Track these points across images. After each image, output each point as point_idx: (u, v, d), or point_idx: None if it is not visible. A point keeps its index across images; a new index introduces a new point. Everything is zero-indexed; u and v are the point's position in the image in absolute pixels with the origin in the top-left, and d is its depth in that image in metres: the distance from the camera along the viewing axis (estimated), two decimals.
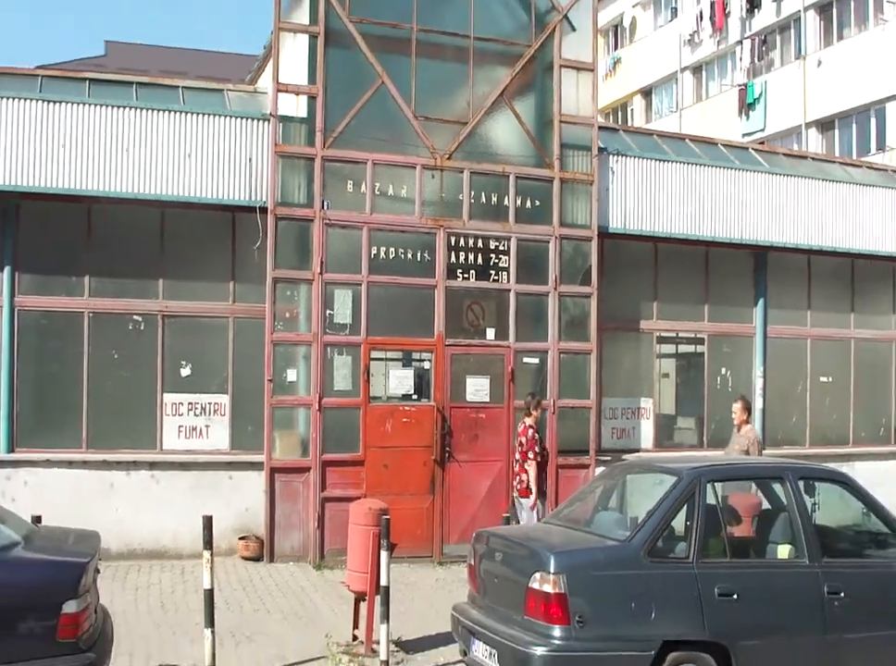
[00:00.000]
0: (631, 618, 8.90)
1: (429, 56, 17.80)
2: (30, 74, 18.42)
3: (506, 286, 17.84)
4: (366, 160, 17.25)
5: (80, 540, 9.24)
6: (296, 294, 17.28)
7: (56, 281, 17.00)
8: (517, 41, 18.35)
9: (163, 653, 11.47)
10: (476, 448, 17.57)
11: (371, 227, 17.22)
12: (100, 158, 16.59)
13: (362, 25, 17.34)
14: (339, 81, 17.35)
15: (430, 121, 17.68)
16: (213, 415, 17.37)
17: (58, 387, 17.07)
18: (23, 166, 16.30)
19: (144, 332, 17.17)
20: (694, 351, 20.79)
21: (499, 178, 17.96)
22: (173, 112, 17.03)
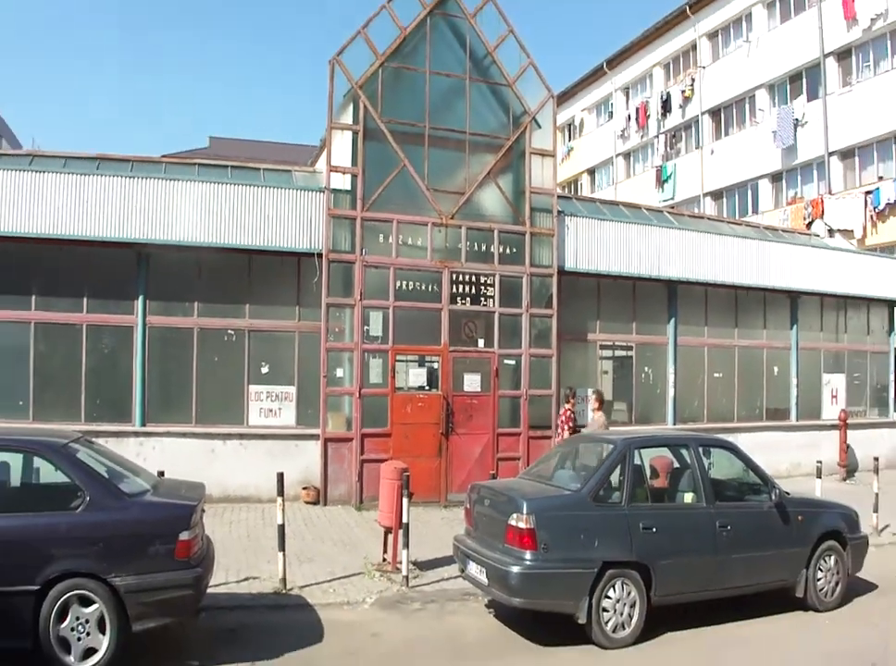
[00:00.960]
0: (581, 545, 9.22)
1: (437, 146, 17.99)
2: (157, 161, 18.69)
3: (492, 309, 18.04)
4: (392, 219, 17.48)
5: (191, 489, 9.40)
6: (342, 315, 17.40)
7: (175, 306, 17.21)
8: (500, 135, 18.52)
9: (249, 569, 11.78)
10: (470, 424, 17.72)
11: (396, 267, 17.43)
12: (206, 219, 16.87)
13: (389, 124, 17.59)
14: (373, 164, 17.53)
15: (438, 192, 17.84)
16: (284, 401, 17.53)
17: (175, 380, 17.28)
18: (153, 225, 16.64)
19: (236, 342, 17.40)
20: (625, 355, 20.88)
21: (487, 232, 18.15)
22: (257, 186, 17.34)
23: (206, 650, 8.75)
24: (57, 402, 16.94)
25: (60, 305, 16.97)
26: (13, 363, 16.92)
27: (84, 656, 7.84)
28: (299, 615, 10.12)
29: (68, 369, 17.04)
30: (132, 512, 8.24)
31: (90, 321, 16.97)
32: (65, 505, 8.17)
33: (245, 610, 10.18)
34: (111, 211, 16.62)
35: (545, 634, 9.49)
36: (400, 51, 17.96)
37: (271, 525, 13.91)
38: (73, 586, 7.83)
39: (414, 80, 18.09)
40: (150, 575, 7.99)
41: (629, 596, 9.33)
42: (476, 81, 18.51)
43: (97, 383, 17.10)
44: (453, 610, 10.68)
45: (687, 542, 9.81)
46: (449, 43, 18.47)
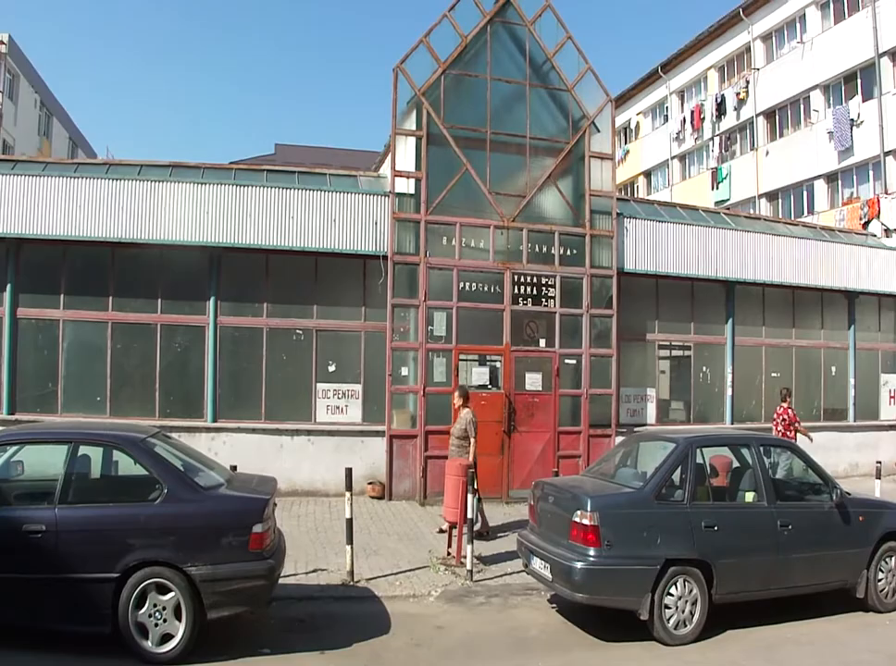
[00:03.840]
0: (644, 542, 9.12)
1: (498, 150, 17.96)
2: (227, 167, 18.87)
3: (553, 309, 17.97)
4: (455, 222, 17.49)
5: (263, 483, 9.46)
6: (407, 315, 17.43)
7: (245, 307, 17.41)
8: (559, 139, 18.45)
9: (317, 561, 11.84)
10: (531, 422, 17.65)
11: (459, 269, 17.45)
12: (274, 223, 17.07)
13: (452, 129, 17.60)
14: (436, 168, 17.56)
15: (500, 195, 17.81)
16: (350, 398, 17.59)
17: (246, 378, 17.42)
18: (224, 229, 16.92)
19: (304, 341, 17.52)
20: (683, 355, 20.72)
21: (548, 234, 18.09)
22: (324, 191, 17.46)
23: (277, 639, 8.80)
24: (133, 398, 17.26)
25: (136, 306, 17.28)
26: (91, 360, 17.28)
27: (161, 641, 7.97)
28: (366, 606, 10.15)
29: (143, 367, 17.34)
30: (208, 505, 8.35)
31: (164, 321, 17.25)
32: (143, 497, 8.31)
33: (314, 601, 10.24)
34: (184, 216, 16.95)
35: (607, 629, 9.43)
36: (461, 58, 17.97)
37: (338, 519, 14.06)
38: (151, 575, 7.97)
39: (475, 86, 18.08)
40: (224, 566, 8.09)
41: (691, 593, 9.23)
42: (535, 87, 18.45)
43: (170, 380, 17.38)
44: (516, 604, 10.64)
45: (748, 541, 9.68)
46: (509, 50, 18.43)
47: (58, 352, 17.24)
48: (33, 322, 17.25)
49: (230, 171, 18.47)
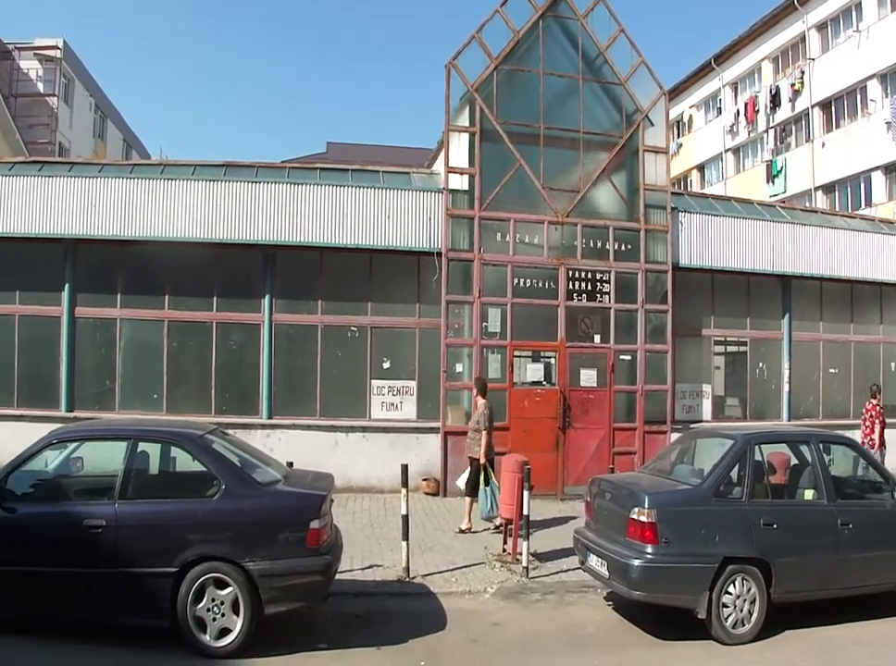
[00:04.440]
0: (702, 540, 9.01)
1: (551, 145, 17.88)
2: (280, 166, 18.97)
3: (608, 305, 17.85)
4: (509, 218, 17.45)
5: (320, 479, 9.49)
6: (462, 312, 17.47)
7: (299, 304, 17.54)
8: (613, 133, 18.32)
9: (373, 557, 11.87)
10: (586, 419, 17.54)
11: (513, 264, 17.40)
12: (328, 221, 17.21)
13: (505, 125, 17.56)
14: (489, 164, 17.52)
15: (554, 190, 17.74)
16: (405, 395, 17.62)
17: (301, 375, 17.51)
18: (278, 227, 17.10)
19: (358, 338, 17.59)
20: (738, 351, 20.51)
21: (602, 229, 17.95)
22: (377, 188, 17.56)
23: (334, 634, 8.82)
24: (189, 396, 17.47)
25: (191, 304, 17.51)
26: (148, 358, 17.54)
27: (219, 635, 8.05)
28: (422, 603, 10.16)
29: (199, 364, 17.55)
30: (266, 501, 8.41)
31: (219, 319, 17.42)
32: (202, 493, 8.41)
33: (370, 597, 10.25)
34: (239, 214, 17.15)
35: (664, 627, 9.33)
36: (513, 53, 17.92)
37: (393, 515, 14.08)
38: (209, 569, 8.04)
39: (528, 81, 18.03)
40: (282, 561, 8.13)
41: (749, 592, 9.11)
42: (588, 81, 18.34)
43: (226, 377, 17.56)
44: (572, 601, 10.57)
45: (807, 539, 9.50)
46: (561, 44, 18.34)
47: (115, 351, 17.49)
48: (91, 321, 17.53)
49: (283, 170, 18.56)
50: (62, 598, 8.22)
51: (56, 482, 9.14)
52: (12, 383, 17.41)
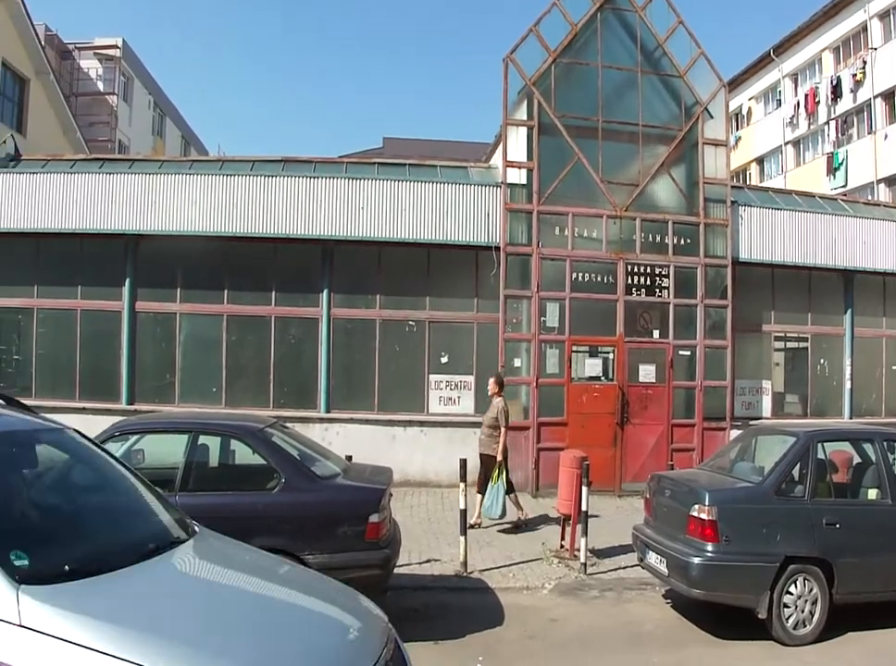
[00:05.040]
0: (763, 539, 8.88)
1: (610, 139, 17.76)
2: (338, 161, 19.03)
3: (667, 300, 17.70)
4: (567, 212, 17.37)
5: (379, 473, 9.53)
6: (520, 306, 17.39)
7: (357, 299, 17.61)
8: (672, 126, 18.18)
9: (430, 551, 11.91)
10: (645, 415, 17.41)
11: (572, 259, 17.31)
12: (386, 215, 17.23)
13: (563, 118, 17.49)
14: (547, 158, 17.46)
15: (612, 184, 17.62)
16: (462, 390, 17.63)
17: (358, 369, 17.58)
18: (337, 222, 17.19)
19: (416, 333, 17.63)
20: (799, 347, 20.25)
21: (661, 223, 17.82)
22: (435, 183, 17.56)
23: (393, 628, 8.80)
24: (247, 389, 17.64)
25: (250, 299, 17.66)
26: (207, 352, 17.76)
27: None
28: (479, 598, 10.15)
29: (258, 358, 17.71)
30: (325, 494, 8.47)
31: (278, 313, 17.56)
32: (261, 486, 8.51)
33: (428, 591, 10.28)
34: (297, 209, 17.26)
35: (723, 627, 9.23)
36: (571, 46, 17.84)
37: (450, 509, 14.13)
38: None
39: (586, 74, 17.94)
40: (341, 555, 8.16)
41: (811, 592, 8.96)
42: (647, 73, 18.20)
43: (284, 371, 17.71)
44: (630, 598, 10.50)
45: (871, 540, 9.30)
46: (619, 37, 18.24)
47: (175, 345, 17.72)
48: (151, 315, 17.78)
49: (340, 165, 18.63)
50: None
51: None
52: (74, 376, 17.75)
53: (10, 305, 17.94)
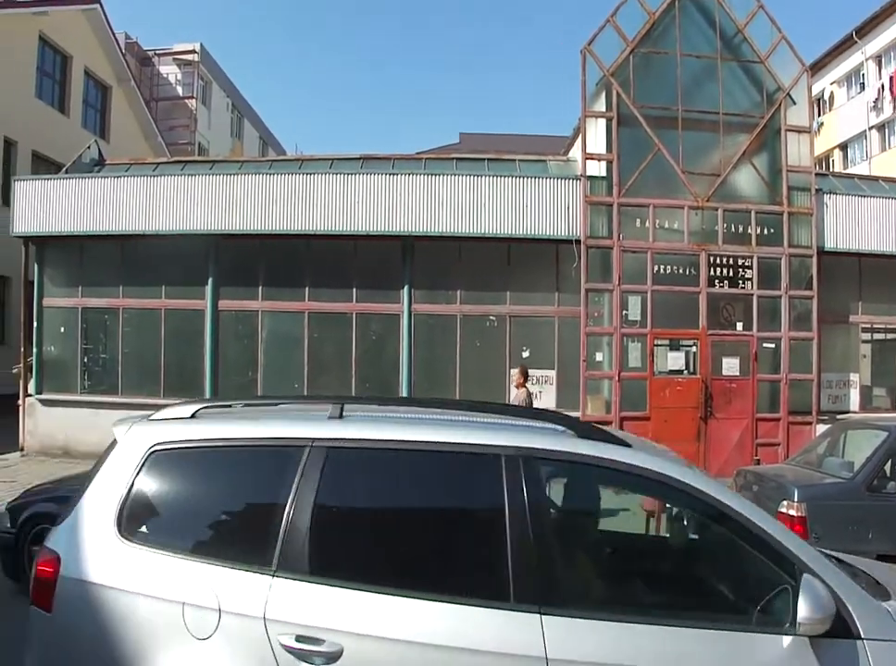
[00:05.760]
0: (853, 536, 8.72)
1: (690, 128, 17.54)
2: (416, 158, 19.17)
3: (750, 291, 17.41)
4: (648, 204, 17.22)
5: None
6: (601, 300, 17.32)
7: (438, 294, 17.69)
8: (753, 113, 17.89)
9: None
10: (729, 409, 17.19)
11: (653, 251, 17.16)
12: (465, 211, 17.23)
13: (642, 109, 17.34)
14: (627, 149, 17.35)
15: (693, 174, 17.41)
16: (544, 384, 17.52)
17: (439, 365, 17.64)
18: (416, 218, 17.24)
19: (497, 327, 17.62)
20: (887, 339, 19.84)
21: (743, 213, 17.54)
22: (514, 177, 17.52)
23: None
24: (329, 385, 17.76)
25: (331, 296, 17.84)
26: (289, 349, 18.01)
27: None
28: None
29: (339, 354, 17.89)
30: None
31: (359, 310, 17.71)
32: None
33: None
34: (377, 206, 17.36)
35: None
36: (649, 35, 17.68)
37: None
38: None
39: (664, 63, 17.75)
40: None
41: None
42: (727, 61, 17.93)
43: (366, 367, 17.88)
44: None
45: None
46: (698, 24, 18.01)
47: (257, 342, 17.99)
48: (233, 313, 18.07)
49: (419, 161, 18.75)
50: None
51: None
52: (159, 373, 18.18)
53: (97, 305, 18.45)
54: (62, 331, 18.78)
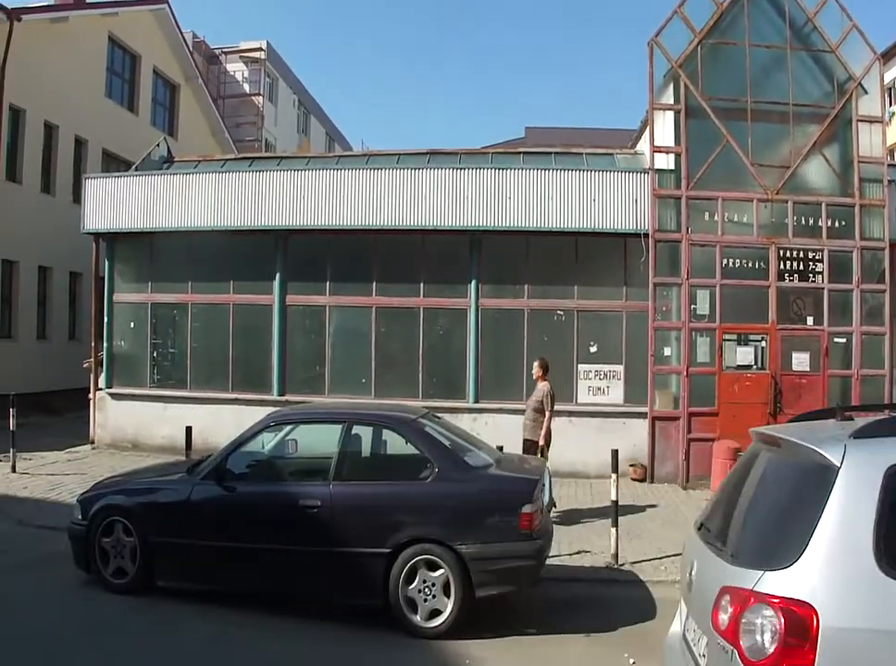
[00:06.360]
0: None
1: (759, 120, 17.28)
2: (483, 152, 19.28)
3: (821, 285, 17.13)
4: (717, 197, 17.07)
5: (531, 463, 9.68)
6: (669, 294, 17.22)
7: (505, 289, 17.74)
8: (824, 104, 17.60)
9: (580, 543, 11.90)
10: (799, 405, 16.59)
11: (722, 245, 17.00)
12: (532, 205, 17.26)
13: (711, 101, 17.17)
14: (695, 142, 17.19)
15: (762, 167, 17.19)
16: (611, 379, 17.52)
17: (507, 359, 17.61)
18: (484, 212, 17.35)
19: (565, 322, 17.60)
20: None
21: (814, 205, 17.26)
22: (582, 171, 17.51)
23: (543, 620, 8.88)
24: (396, 380, 17.99)
25: (398, 291, 18.04)
26: (356, 344, 18.26)
27: (429, 616, 8.27)
28: (631, 590, 10.12)
29: (406, 349, 18.09)
30: (478, 484, 8.59)
31: (426, 304, 17.88)
32: (415, 476, 8.70)
33: (579, 583, 10.29)
34: (443, 201, 17.49)
35: None
36: (717, 26, 17.49)
37: (599, 501, 14.13)
38: (421, 551, 8.28)
39: (732, 54, 17.53)
40: (494, 545, 8.25)
41: None
42: (796, 50, 17.65)
43: (433, 362, 18.03)
44: None
45: None
46: (766, 14, 17.77)
47: (325, 337, 18.28)
48: (301, 308, 18.39)
49: (486, 155, 18.84)
50: (280, 574, 8.76)
51: (272, 463, 9.87)
52: (227, 368, 18.61)
53: (166, 301, 18.93)
54: (132, 326, 19.28)
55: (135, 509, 9.27)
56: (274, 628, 8.42)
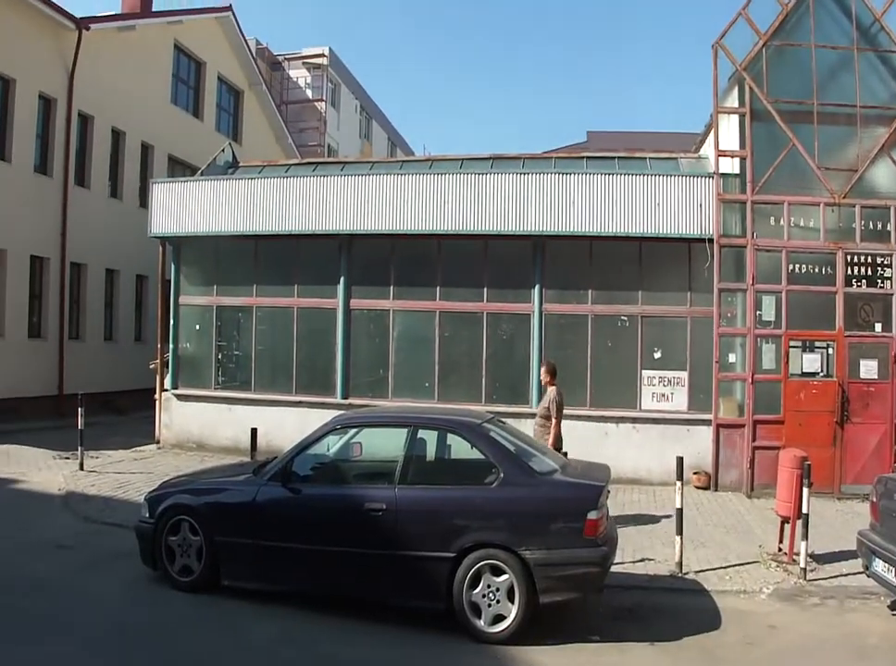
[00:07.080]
0: None
1: (825, 122, 17.09)
2: (545, 157, 19.37)
3: (890, 291, 16.85)
4: (782, 202, 16.94)
5: (596, 469, 9.61)
6: (734, 300, 17.11)
7: (569, 294, 17.77)
8: (892, 105, 17.27)
9: (643, 551, 11.94)
10: (866, 413, 16.67)
11: (788, 250, 16.85)
12: (596, 209, 17.28)
13: (776, 104, 17.05)
14: (760, 145, 17.08)
15: (829, 170, 17.00)
16: (675, 386, 17.46)
17: (570, 364, 17.32)
18: (547, 217, 17.39)
19: (629, 328, 17.61)
20: None
21: (882, 210, 17.01)
22: (645, 175, 17.46)
23: (607, 627, 8.89)
24: (459, 384, 18.17)
25: (462, 295, 18.24)
26: (420, 348, 18.43)
27: (493, 621, 8.32)
28: (695, 600, 10.10)
29: (470, 354, 18.23)
30: (543, 490, 8.66)
31: (489, 309, 18.02)
32: (480, 480, 8.78)
33: (642, 591, 10.29)
34: (507, 206, 17.58)
35: None
36: (782, 28, 17.36)
37: (663, 508, 14.17)
38: (486, 556, 8.34)
39: (798, 56, 17.37)
40: (558, 551, 8.28)
41: None
42: (863, 51, 17.40)
43: (496, 366, 18.14)
44: (853, 607, 10.11)
45: None
46: (832, 15, 17.57)
47: (388, 341, 18.47)
48: (365, 312, 18.63)
49: (549, 160, 18.90)
50: (343, 576, 8.92)
51: (337, 465, 10.01)
52: (291, 371, 18.96)
53: (232, 304, 19.29)
54: (197, 328, 19.71)
55: (201, 508, 9.50)
56: (340, 628, 8.57)
